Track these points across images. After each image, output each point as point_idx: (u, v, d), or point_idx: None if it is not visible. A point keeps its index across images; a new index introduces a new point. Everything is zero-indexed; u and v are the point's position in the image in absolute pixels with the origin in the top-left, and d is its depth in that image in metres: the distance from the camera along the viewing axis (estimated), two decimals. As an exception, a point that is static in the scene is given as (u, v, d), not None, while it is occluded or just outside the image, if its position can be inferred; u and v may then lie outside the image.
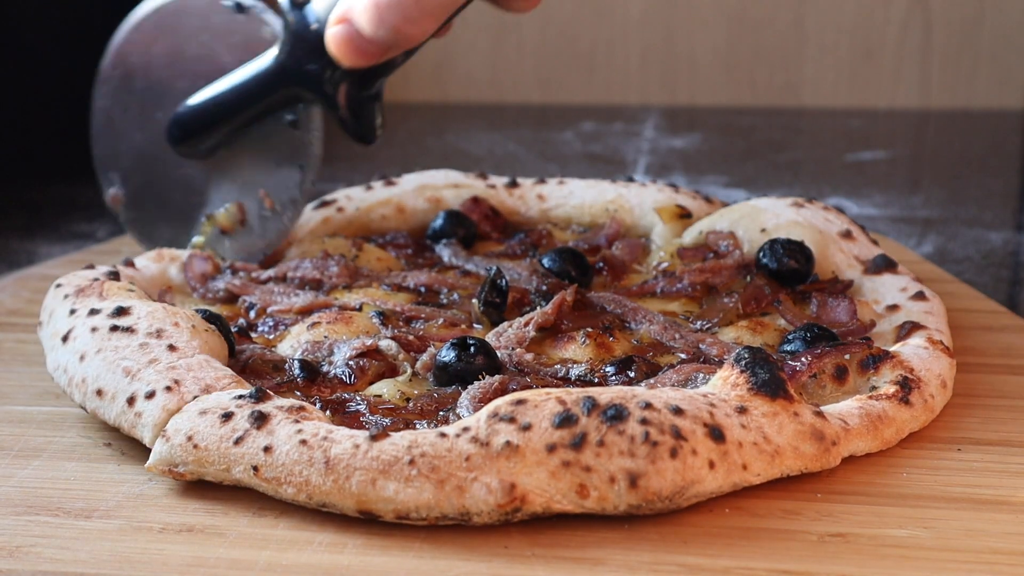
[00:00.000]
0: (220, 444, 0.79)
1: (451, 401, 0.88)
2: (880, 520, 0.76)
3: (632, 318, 1.05)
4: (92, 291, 0.99)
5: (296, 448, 0.76)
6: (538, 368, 0.95)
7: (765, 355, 0.83)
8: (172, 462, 0.81)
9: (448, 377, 0.92)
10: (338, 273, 1.16)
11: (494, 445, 0.74)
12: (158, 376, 0.87)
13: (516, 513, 0.74)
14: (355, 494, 0.74)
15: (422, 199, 1.35)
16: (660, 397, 0.77)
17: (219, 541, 0.75)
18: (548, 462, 0.73)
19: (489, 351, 0.93)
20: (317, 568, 0.72)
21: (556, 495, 0.73)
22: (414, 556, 0.73)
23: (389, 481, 0.74)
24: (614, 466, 0.73)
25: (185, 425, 0.81)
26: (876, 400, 0.86)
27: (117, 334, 0.91)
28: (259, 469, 0.77)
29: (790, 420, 0.79)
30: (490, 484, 0.73)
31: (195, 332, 0.93)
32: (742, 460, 0.77)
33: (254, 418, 0.79)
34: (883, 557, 0.72)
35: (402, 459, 0.74)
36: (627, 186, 1.36)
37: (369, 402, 0.88)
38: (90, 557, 0.74)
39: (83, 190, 1.84)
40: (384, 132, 1.12)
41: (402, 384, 0.92)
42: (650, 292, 1.12)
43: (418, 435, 0.75)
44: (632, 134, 2.25)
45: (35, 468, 0.86)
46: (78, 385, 0.90)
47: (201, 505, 0.80)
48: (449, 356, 0.92)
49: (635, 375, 0.92)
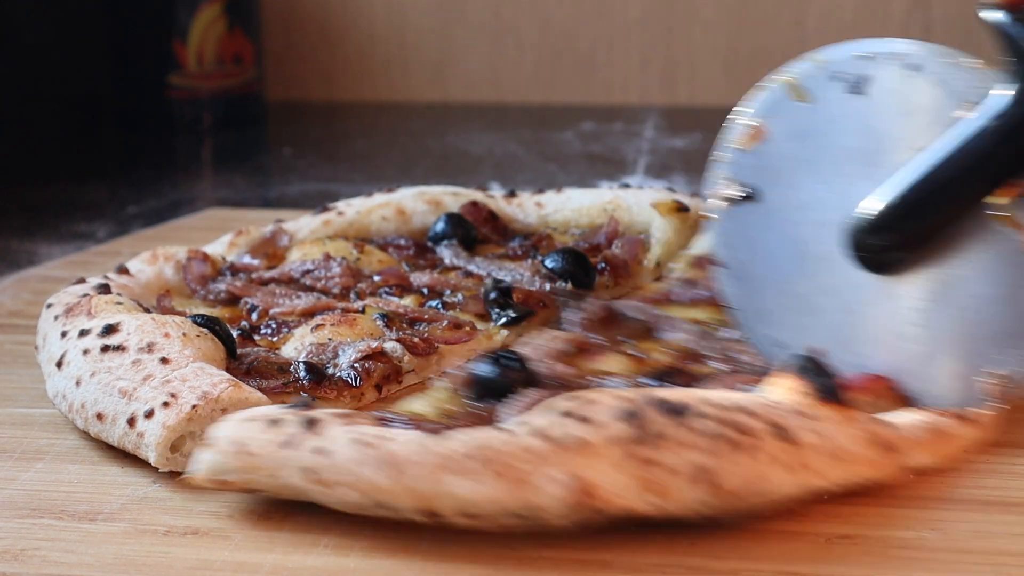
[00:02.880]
0: (269, 447, 0.75)
1: (493, 416, 0.86)
2: (887, 521, 0.76)
3: (661, 327, 1.04)
4: (81, 309, 0.98)
5: (352, 446, 0.73)
6: (576, 381, 0.93)
7: (820, 362, 0.82)
8: (219, 471, 0.77)
9: (485, 391, 0.89)
10: (340, 274, 1.16)
11: (558, 438, 0.72)
12: (154, 393, 0.86)
13: (589, 512, 0.71)
14: (417, 491, 0.71)
15: (422, 202, 1.35)
16: (725, 396, 0.77)
17: (224, 544, 0.75)
18: (613, 455, 0.71)
19: (525, 365, 0.91)
20: (323, 571, 0.72)
21: (624, 491, 0.71)
22: (421, 559, 0.73)
23: (454, 476, 0.71)
24: (680, 460, 0.72)
25: (231, 433, 0.77)
26: (938, 415, 0.84)
27: (109, 354, 0.90)
28: (313, 470, 0.74)
29: (849, 426, 0.78)
30: (555, 476, 0.71)
31: (187, 340, 0.92)
32: (811, 463, 0.75)
33: (305, 422, 0.76)
34: (890, 558, 0.72)
35: (466, 454, 0.71)
36: (624, 189, 1.37)
37: (412, 419, 0.84)
38: (95, 560, 0.73)
39: (83, 190, 1.84)
40: (391, 135, 1.09)
41: (438, 401, 0.90)
42: (670, 299, 1.11)
43: (482, 432, 0.73)
44: (632, 134, 2.25)
45: (38, 471, 0.86)
46: (78, 411, 0.89)
47: (206, 508, 0.80)
48: (485, 370, 0.90)
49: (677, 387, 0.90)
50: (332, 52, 2.48)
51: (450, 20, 2.44)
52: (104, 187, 1.87)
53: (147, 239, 1.44)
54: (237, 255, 1.23)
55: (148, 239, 1.43)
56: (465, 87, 2.48)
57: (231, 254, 1.23)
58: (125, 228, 1.60)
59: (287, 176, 1.97)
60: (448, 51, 2.46)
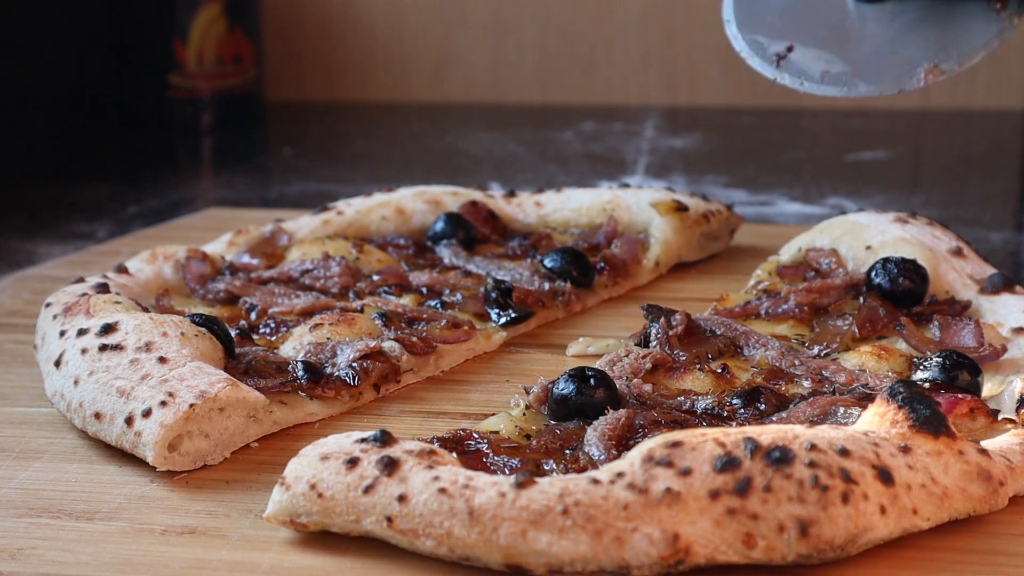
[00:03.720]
0: (348, 493, 0.73)
1: (575, 438, 0.83)
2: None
3: (745, 343, 0.99)
4: (79, 309, 0.98)
5: (435, 497, 0.71)
6: (660, 400, 0.90)
7: (922, 389, 0.79)
8: (294, 512, 0.75)
9: (567, 411, 0.86)
10: (339, 273, 1.16)
11: (653, 492, 0.69)
12: (152, 392, 0.86)
13: (679, 566, 0.69)
14: (503, 547, 0.69)
15: (421, 201, 1.35)
16: (823, 437, 0.73)
17: (222, 543, 0.75)
18: (712, 510, 0.68)
19: (609, 383, 0.88)
20: (320, 570, 0.72)
21: (721, 545, 0.68)
22: (417, 559, 0.73)
23: (541, 532, 0.68)
24: (783, 513, 0.69)
25: (307, 472, 0.75)
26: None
27: (107, 353, 0.90)
28: (394, 520, 0.72)
29: (955, 459, 0.75)
30: (652, 535, 0.68)
31: (184, 339, 0.92)
32: (912, 504, 0.72)
33: (383, 464, 0.73)
34: (889, 558, 0.72)
35: (554, 508, 0.69)
36: (623, 189, 1.37)
37: (489, 440, 0.83)
38: (92, 559, 0.73)
39: (83, 190, 1.84)
40: (391, 135, 1.09)
41: (518, 419, 0.87)
42: (754, 313, 1.07)
43: (569, 482, 0.70)
44: (632, 134, 2.25)
45: (36, 470, 0.86)
46: (76, 410, 0.89)
47: (203, 507, 0.80)
48: (568, 389, 0.87)
49: (765, 407, 0.87)
50: (332, 52, 2.48)
51: (450, 20, 2.44)
52: (104, 187, 1.87)
53: (147, 238, 1.44)
54: (236, 254, 1.23)
55: (148, 238, 1.43)
56: (465, 87, 2.48)
57: (230, 253, 1.23)
58: (125, 228, 1.60)
59: (287, 176, 1.97)
60: (448, 51, 2.46)
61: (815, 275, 1.14)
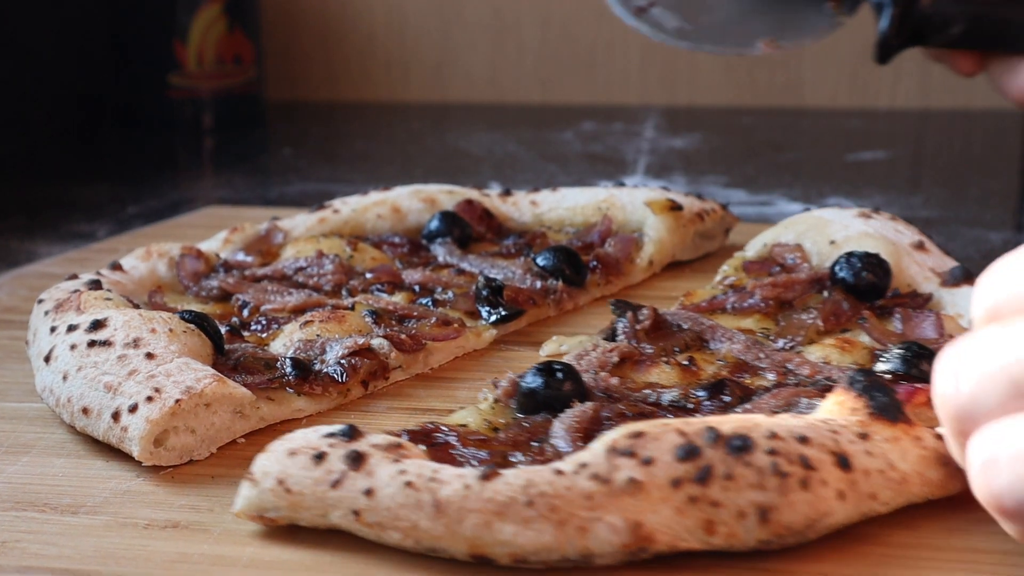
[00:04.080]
0: (315, 488, 0.74)
1: (542, 431, 0.84)
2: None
3: (711, 336, 1.01)
4: (70, 305, 0.99)
5: (401, 491, 0.71)
6: (627, 393, 0.90)
7: (880, 378, 0.80)
8: (263, 507, 0.76)
9: (535, 404, 0.87)
10: (332, 271, 1.17)
11: (616, 482, 0.69)
12: (139, 387, 0.86)
13: (641, 553, 0.70)
14: (469, 538, 0.70)
15: (417, 200, 1.35)
16: (783, 425, 0.73)
17: (204, 537, 0.76)
18: (674, 498, 0.69)
19: (576, 377, 0.88)
20: (299, 564, 0.72)
21: (683, 532, 0.69)
22: (397, 555, 0.73)
23: (506, 523, 0.69)
24: (744, 500, 0.70)
25: (274, 468, 0.76)
26: None
27: (95, 349, 0.91)
28: (361, 514, 0.72)
29: (913, 445, 0.76)
30: (614, 524, 0.69)
31: (173, 336, 0.92)
32: (870, 489, 0.73)
33: (350, 458, 0.74)
34: (864, 555, 0.72)
35: (519, 500, 0.69)
36: (619, 188, 1.37)
37: (458, 434, 0.83)
38: (75, 553, 0.74)
39: (83, 190, 1.85)
40: (391, 135, 1.13)
41: (487, 412, 0.88)
42: (720, 308, 1.08)
43: (533, 473, 0.71)
44: (632, 134, 2.25)
45: (24, 464, 0.87)
46: (64, 405, 0.90)
47: (187, 501, 0.80)
48: (536, 383, 0.87)
49: (730, 399, 0.88)
50: (332, 52, 2.49)
51: (450, 20, 2.45)
52: (104, 187, 1.88)
53: (146, 236, 1.44)
54: (231, 252, 1.23)
55: (147, 236, 1.43)
56: (465, 87, 2.48)
57: (226, 251, 1.23)
58: (125, 228, 1.60)
59: (287, 176, 1.98)
60: (448, 51, 2.46)
61: (780, 270, 1.16)
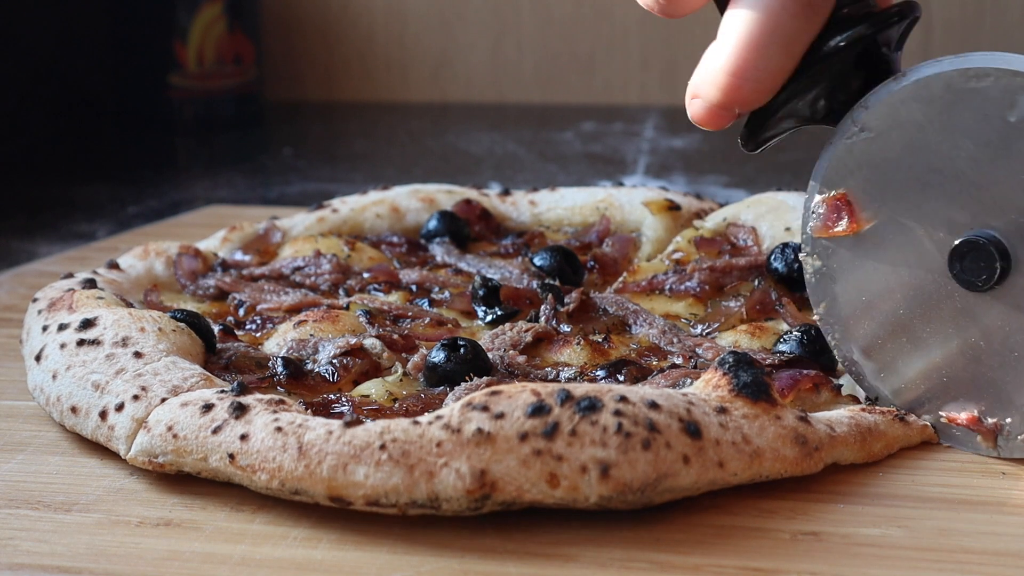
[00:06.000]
0: (199, 434, 0.80)
1: (438, 402, 0.87)
2: (854, 519, 0.76)
3: (633, 321, 1.04)
4: (63, 304, 0.99)
5: (271, 435, 0.77)
6: (528, 370, 0.95)
7: (750, 359, 0.82)
8: (152, 452, 0.82)
9: (437, 378, 0.92)
10: (330, 271, 1.17)
11: (465, 432, 0.74)
12: (126, 386, 0.87)
13: (485, 501, 0.74)
14: (326, 479, 0.75)
15: (416, 199, 1.35)
16: (637, 392, 0.77)
17: (195, 535, 0.76)
18: (519, 450, 0.73)
19: (480, 352, 0.93)
20: (290, 563, 0.73)
21: (526, 484, 0.73)
22: (387, 551, 0.73)
23: (360, 466, 0.74)
24: (585, 456, 0.73)
25: (166, 416, 0.82)
26: (869, 413, 0.85)
27: (84, 348, 0.91)
28: (235, 457, 0.78)
29: (772, 423, 0.79)
30: (460, 470, 0.73)
31: (162, 335, 0.93)
32: (719, 458, 0.76)
33: (233, 408, 0.80)
34: (855, 556, 0.72)
35: (373, 444, 0.74)
36: (617, 188, 1.37)
37: (354, 403, 0.88)
38: (67, 550, 0.74)
39: (83, 190, 1.85)
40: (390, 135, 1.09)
41: (391, 384, 0.92)
42: (659, 288, 1.11)
43: (391, 423, 0.76)
44: (632, 134, 2.25)
45: (18, 462, 0.87)
46: (54, 404, 0.90)
47: (180, 500, 0.80)
48: (439, 357, 0.92)
49: (625, 379, 0.91)
50: (332, 52, 2.49)
51: (450, 20, 2.45)
52: (104, 187, 1.88)
53: (146, 235, 1.44)
54: (229, 251, 1.24)
55: (147, 235, 1.44)
56: (465, 87, 2.49)
57: (223, 250, 1.24)
58: (125, 228, 1.60)
59: (287, 176, 1.98)
60: (448, 51, 2.47)
61: (731, 248, 1.17)
